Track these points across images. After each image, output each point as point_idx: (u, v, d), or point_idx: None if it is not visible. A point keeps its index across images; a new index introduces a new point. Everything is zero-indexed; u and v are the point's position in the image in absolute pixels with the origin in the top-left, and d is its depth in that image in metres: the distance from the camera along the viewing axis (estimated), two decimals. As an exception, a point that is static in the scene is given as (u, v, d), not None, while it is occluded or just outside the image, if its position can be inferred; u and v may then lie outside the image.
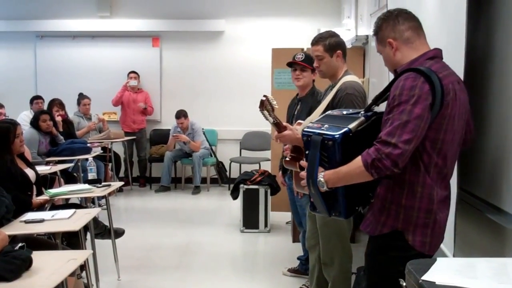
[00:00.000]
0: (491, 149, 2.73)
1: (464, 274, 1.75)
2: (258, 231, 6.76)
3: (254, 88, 9.38)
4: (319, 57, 3.89)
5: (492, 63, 2.76)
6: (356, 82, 3.82)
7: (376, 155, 2.29)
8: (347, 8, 8.38)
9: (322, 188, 2.48)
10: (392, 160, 2.27)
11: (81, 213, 4.15)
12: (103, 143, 8.57)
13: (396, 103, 2.33)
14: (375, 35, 2.64)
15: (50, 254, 3.39)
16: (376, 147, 2.31)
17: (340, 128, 2.47)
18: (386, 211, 2.48)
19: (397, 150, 2.27)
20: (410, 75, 2.36)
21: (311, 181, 2.51)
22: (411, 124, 2.28)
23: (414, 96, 2.30)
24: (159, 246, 6.30)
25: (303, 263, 5.29)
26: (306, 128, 2.60)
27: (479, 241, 2.97)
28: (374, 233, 2.53)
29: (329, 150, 2.46)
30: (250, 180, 6.76)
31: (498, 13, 2.72)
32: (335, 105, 3.71)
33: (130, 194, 9.35)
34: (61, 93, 8.70)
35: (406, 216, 2.43)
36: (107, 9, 9.90)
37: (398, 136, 2.28)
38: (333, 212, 2.58)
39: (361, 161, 2.34)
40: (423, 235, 2.43)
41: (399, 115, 2.30)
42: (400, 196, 2.44)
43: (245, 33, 9.91)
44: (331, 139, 2.45)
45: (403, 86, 2.34)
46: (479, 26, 2.87)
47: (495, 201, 2.66)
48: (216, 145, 9.91)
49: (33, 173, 4.87)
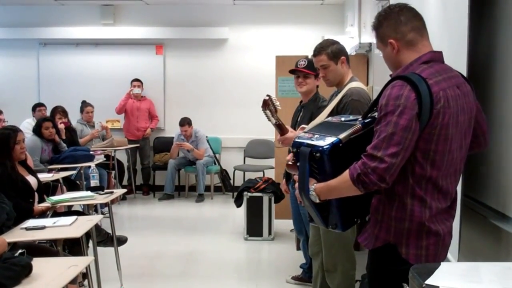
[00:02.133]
0: (495, 156, 2.73)
1: (468, 278, 1.74)
2: (262, 238, 6.73)
3: (258, 96, 9.23)
4: (324, 66, 3.87)
5: (494, 67, 2.77)
6: (362, 88, 3.82)
7: (362, 169, 2.22)
8: (350, 16, 8.39)
9: (314, 200, 2.43)
10: (378, 174, 2.20)
11: (83, 220, 4.13)
12: (106, 151, 8.55)
13: (382, 114, 2.26)
14: (374, 30, 2.53)
15: (51, 260, 3.38)
16: (363, 161, 2.24)
17: (330, 139, 2.41)
18: (378, 223, 2.42)
19: (383, 164, 2.19)
20: (397, 83, 2.28)
21: (303, 193, 2.47)
22: (397, 136, 2.20)
23: (399, 106, 2.21)
24: (162, 254, 6.27)
25: (306, 271, 5.26)
26: (296, 139, 2.57)
27: (483, 247, 2.98)
28: (370, 247, 2.49)
29: (318, 162, 2.41)
30: (254, 187, 6.74)
31: (500, 17, 2.74)
32: (339, 110, 3.70)
33: (134, 202, 9.33)
34: (64, 100, 8.71)
35: (397, 229, 2.36)
36: (110, 17, 9.93)
37: (384, 149, 2.20)
38: (329, 225, 2.54)
39: (348, 175, 2.27)
40: (417, 248, 2.35)
41: (385, 127, 2.22)
42: (390, 208, 2.37)
43: (249, 41, 9.93)
44: (319, 150, 2.39)
45: (389, 95, 2.26)
46: (481, 30, 2.89)
47: (500, 207, 2.67)
48: (220, 153, 9.89)
49: (35, 180, 4.87)
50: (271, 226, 6.74)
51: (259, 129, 9.15)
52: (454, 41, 2.81)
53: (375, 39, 2.55)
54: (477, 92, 2.52)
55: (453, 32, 2.94)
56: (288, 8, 9.74)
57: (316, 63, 3.94)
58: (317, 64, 3.93)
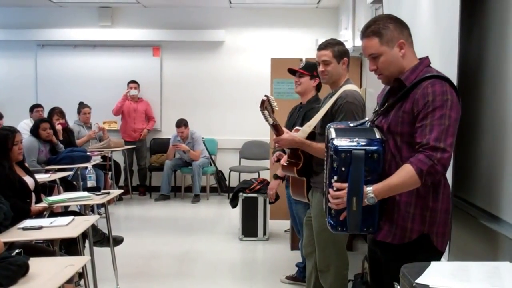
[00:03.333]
0: (485, 157, 2.77)
1: (457, 277, 1.77)
2: (257, 239, 6.78)
3: (253, 98, 9.30)
4: (326, 62, 3.83)
5: (484, 72, 2.80)
6: (356, 91, 3.83)
7: (429, 162, 2.32)
8: (344, 19, 8.44)
9: (371, 203, 2.43)
10: (442, 164, 2.33)
11: (80, 220, 4.15)
12: (103, 152, 8.59)
13: (431, 109, 2.37)
14: (376, 35, 2.54)
15: (47, 260, 3.39)
16: (427, 154, 2.34)
17: (373, 140, 2.48)
18: (411, 216, 2.48)
19: (447, 154, 2.33)
20: (436, 81, 2.41)
21: (356, 198, 2.43)
22: (451, 127, 2.35)
23: (447, 100, 2.36)
24: (158, 254, 6.31)
25: (301, 270, 5.30)
26: (338, 143, 2.50)
27: (473, 247, 3.01)
28: (403, 241, 2.50)
29: (373, 163, 2.45)
30: (249, 188, 6.79)
31: (490, 25, 2.77)
32: (334, 112, 3.73)
33: (130, 202, 9.36)
34: (61, 101, 8.76)
35: (432, 219, 2.47)
36: (108, 19, 9.96)
37: (444, 140, 2.33)
38: (364, 227, 2.53)
39: (413, 170, 2.35)
40: (443, 235, 2.50)
41: (439, 120, 2.35)
42: (426, 199, 2.46)
43: (245, 43, 9.98)
44: (375, 151, 2.45)
45: (434, 92, 2.38)
46: (471, 37, 2.92)
47: (489, 208, 2.70)
48: (215, 154, 9.94)
49: (32, 180, 4.89)
50: (266, 227, 6.78)
51: (255, 131, 9.23)
52: (446, 44, 2.84)
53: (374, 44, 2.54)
54: (467, 94, 2.60)
55: (444, 35, 2.96)
56: (283, 12, 9.79)
57: (319, 57, 3.88)
58: (320, 58, 3.87)
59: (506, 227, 2.50)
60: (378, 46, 2.54)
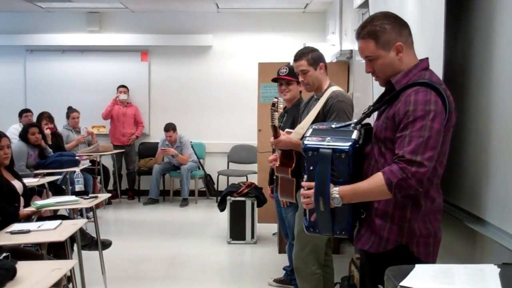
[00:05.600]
0: (470, 160, 2.78)
1: (441, 280, 1.77)
2: (244, 242, 6.82)
3: (241, 102, 9.52)
4: (304, 71, 3.98)
5: (469, 76, 2.83)
6: (343, 91, 3.96)
7: (401, 175, 2.21)
8: (331, 24, 8.51)
9: (336, 204, 2.36)
10: (417, 179, 2.20)
11: (68, 224, 4.17)
12: (92, 156, 8.61)
13: (411, 119, 2.25)
14: (371, 38, 2.43)
15: (35, 264, 3.40)
16: (401, 166, 2.22)
17: (347, 140, 2.40)
18: (388, 226, 2.40)
19: (423, 169, 2.20)
20: (420, 89, 2.28)
21: (322, 198, 2.37)
22: (432, 140, 2.22)
23: (430, 111, 2.23)
24: (147, 258, 6.32)
25: (288, 273, 5.34)
26: (307, 142, 2.48)
27: (458, 249, 3.02)
28: (378, 251, 2.43)
29: (340, 163, 2.37)
30: (237, 192, 6.81)
31: (475, 28, 2.80)
32: (325, 112, 3.81)
33: (119, 206, 9.37)
34: (50, 106, 8.75)
35: (410, 230, 2.37)
36: (96, 24, 9.98)
37: (422, 153, 2.20)
38: (337, 230, 2.46)
39: (383, 180, 2.25)
40: (427, 245, 2.39)
41: (418, 131, 2.23)
42: (403, 210, 2.37)
43: (232, 48, 10.02)
44: (343, 151, 2.36)
45: (416, 101, 2.26)
46: (457, 41, 2.94)
47: (474, 210, 2.71)
48: (204, 158, 9.97)
49: (21, 185, 4.90)
50: (254, 230, 6.82)
51: (243, 135, 9.30)
52: (431, 48, 2.80)
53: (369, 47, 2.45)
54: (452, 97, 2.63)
55: (430, 39, 2.93)
56: (271, 16, 9.84)
57: (296, 68, 4.04)
58: (297, 69, 4.03)
59: (491, 230, 2.50)
60: (374, 49, 2.43)
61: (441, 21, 2.78)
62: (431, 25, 2.74)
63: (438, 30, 2.81)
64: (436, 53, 2.77)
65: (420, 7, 3.29)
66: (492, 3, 2.60)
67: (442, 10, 2.77)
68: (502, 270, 1.83)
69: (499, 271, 1.82)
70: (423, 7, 3.24)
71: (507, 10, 2.44)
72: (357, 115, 2.82)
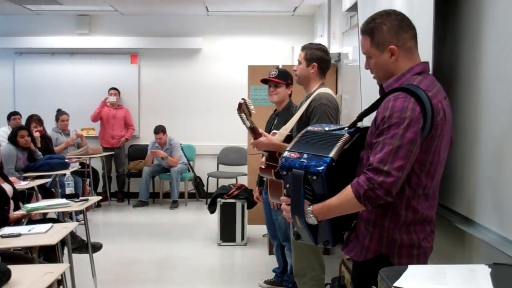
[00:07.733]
0: (459, 161, 2.78)
1: (434, 280, 1.77)
2: (235, 244, 6.83)
3: (230, 105, 9.38)
4: (299, 62, 4.07)
5: (458, 78, 2.84)
6: (330, 94, 3.96)
7: (368, 185, 2.15)
8: (320, 27, 8.56)
9: (312, 223, 2.32)
10: (385, 189, 2.13)
11: (58, 227, 4.14)
12: (81, 159, 8.60)
13: (386, 126, 2.18)
14: (368, 35, 2.40)
15: (26, 268, 3.36)
16: (368, 176, 2.16)
17: (322, 159, 2.29)
18: (369, 234, 2.35)
19: (390, 178, 2.13)
20: (400, 95, 2.20)
21: (297, 215, 2.34)
22: (403, 149, 2.14)
23: (405, 119, 2.15)
24: (137, 261, 6.31)
25: (278, 275, 5.37)
26: (283, 161, 2.41)
27: (449, 250, 3.03)
28: (359, 259, 2.40)
29: (314, 184, 2.30)
30: (227, 194, 6.83)
31: (463, 30, 2.82)
32: (308, 114, 3.84)
33: (109, 209, 9.36)
34: (39, 109, 8.77)
35: (389, 240, 2.31)
36: (85, 27, 9.97)
37: (391, 163, 2.13)
38: (320, 242, 2.43)
39: (352, 192, 2.19)
40: (409, 257, 2.31)
41: (390, 139, 2.15)
42: (383, 219, 2.31)
43: (222, 50, 10.06)
44: (315, 173, 2.27)
45: (393, 107, 2.18)
46: (445, 43, 2.96)
47: (464, 212, 2.73)
48: (194, 160, 9.98)
49: (10, 188, 4.89)
50: (244, 232, 6.84)
51: (232, 137, 9.31)
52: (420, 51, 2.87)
53: (366, 44, 2.42)
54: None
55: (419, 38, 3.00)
56: (260, 19, 9.88)
57: (298, 56, 4.13)
58: (298, 57, 4.12)
59: (481, 230, 2.50)
60: (369, 47, 2.39)
61: (430, 23, 2.78)
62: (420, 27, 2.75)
63: (427, 32, 2.81)
64: (425, 55, 2.73)
65: (408, 9, 3.30)
66: (479, 3, 2.62)
67: (431, 12, 2.78)
68: (493, 270, 1.84)
69: (490, 271, 1.83)
70: (412, 9, 3.24)
71: (495, 11, 2.46)
72: (346, 117, 2.84)
